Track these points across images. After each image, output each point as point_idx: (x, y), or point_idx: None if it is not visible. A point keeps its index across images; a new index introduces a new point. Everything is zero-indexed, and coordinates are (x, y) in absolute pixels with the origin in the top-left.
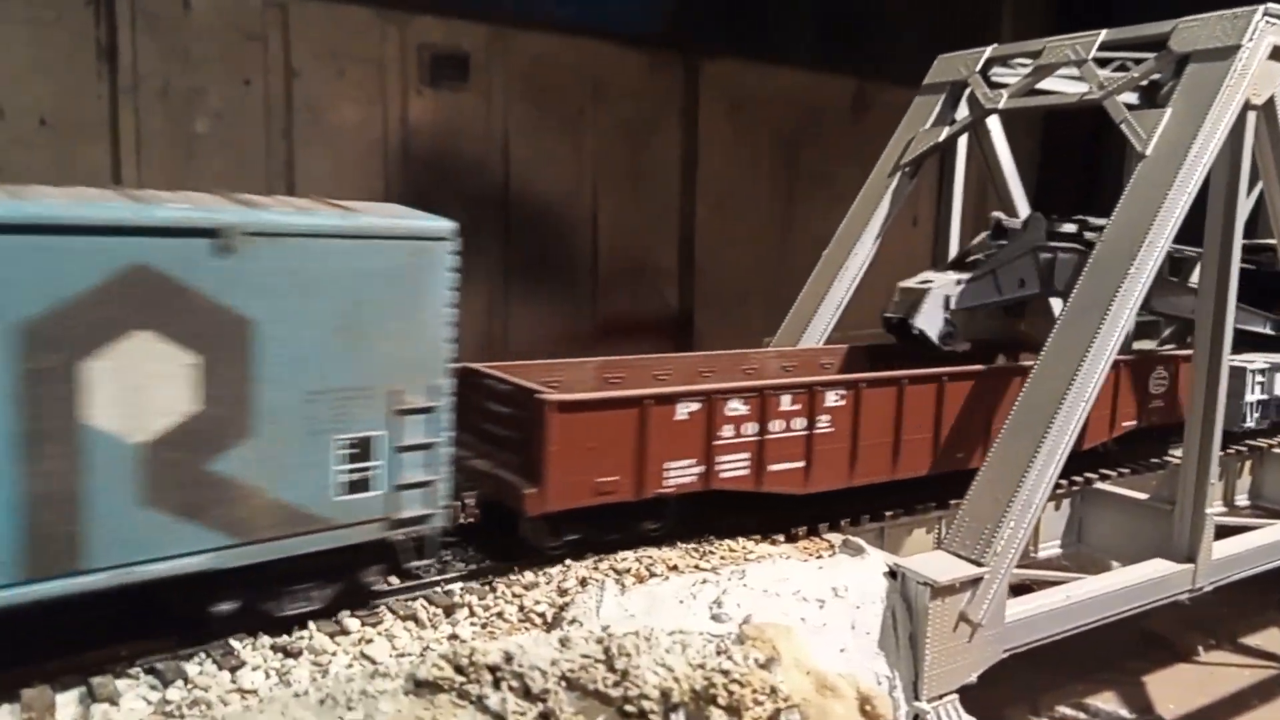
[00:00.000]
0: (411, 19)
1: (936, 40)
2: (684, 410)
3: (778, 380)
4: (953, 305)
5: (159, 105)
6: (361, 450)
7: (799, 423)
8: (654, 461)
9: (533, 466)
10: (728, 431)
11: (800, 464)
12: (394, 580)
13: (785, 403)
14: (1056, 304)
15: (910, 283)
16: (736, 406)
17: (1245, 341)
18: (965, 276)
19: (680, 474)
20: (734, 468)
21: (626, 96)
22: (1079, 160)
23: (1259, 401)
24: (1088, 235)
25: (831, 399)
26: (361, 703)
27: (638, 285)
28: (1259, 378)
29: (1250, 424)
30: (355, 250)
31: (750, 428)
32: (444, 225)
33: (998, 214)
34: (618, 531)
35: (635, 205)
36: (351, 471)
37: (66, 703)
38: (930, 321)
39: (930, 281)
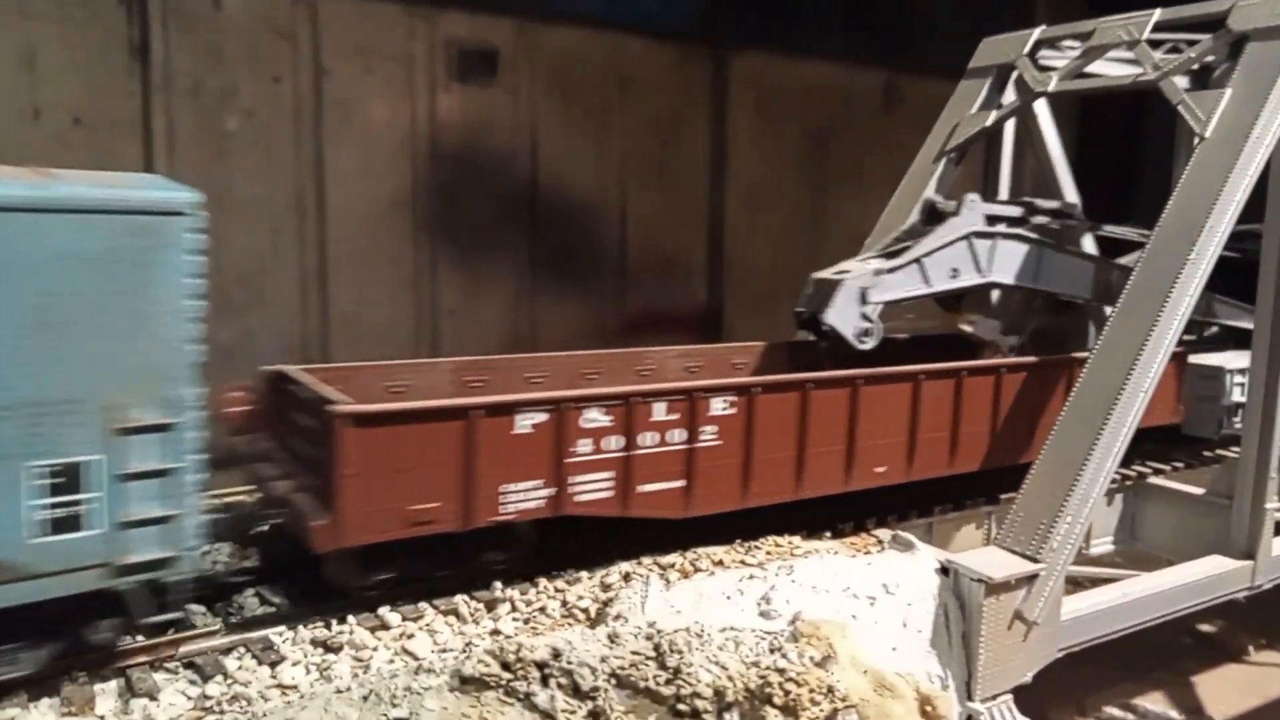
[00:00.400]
0: (440, 14)
1: (969, 30)
2: (525, 422)
3: (646, 386)
4: (871, 298)
5: (190, 103)
6: (68, 479)
7: (677, 435)
8: (487, 484)
9: (326, 492)
10: (584, 447)
11: (679, 483)
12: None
13: (659, 412)
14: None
15: (825, 273)
16: (595, 417)
17: (1230, 338)
18: (887, 266)
19: (522, 498)
20: (593, 489)
21: (655, 91)
22: (1118, 147)
23: (1238, 405)
24: (1035, 220)
25: (718, 407)
26: (406, 699)
27: (666, 280)
28: (1238, 378)
29: (1229, 429)
30: (52, 227)
31: (613, 441)
32: (178, 197)
33: (931, 195)
34: (450, 566)
35: (664, 200)
36: (54, 507)
37: (106, 697)
38: (843, 317)
39: (846, 272)
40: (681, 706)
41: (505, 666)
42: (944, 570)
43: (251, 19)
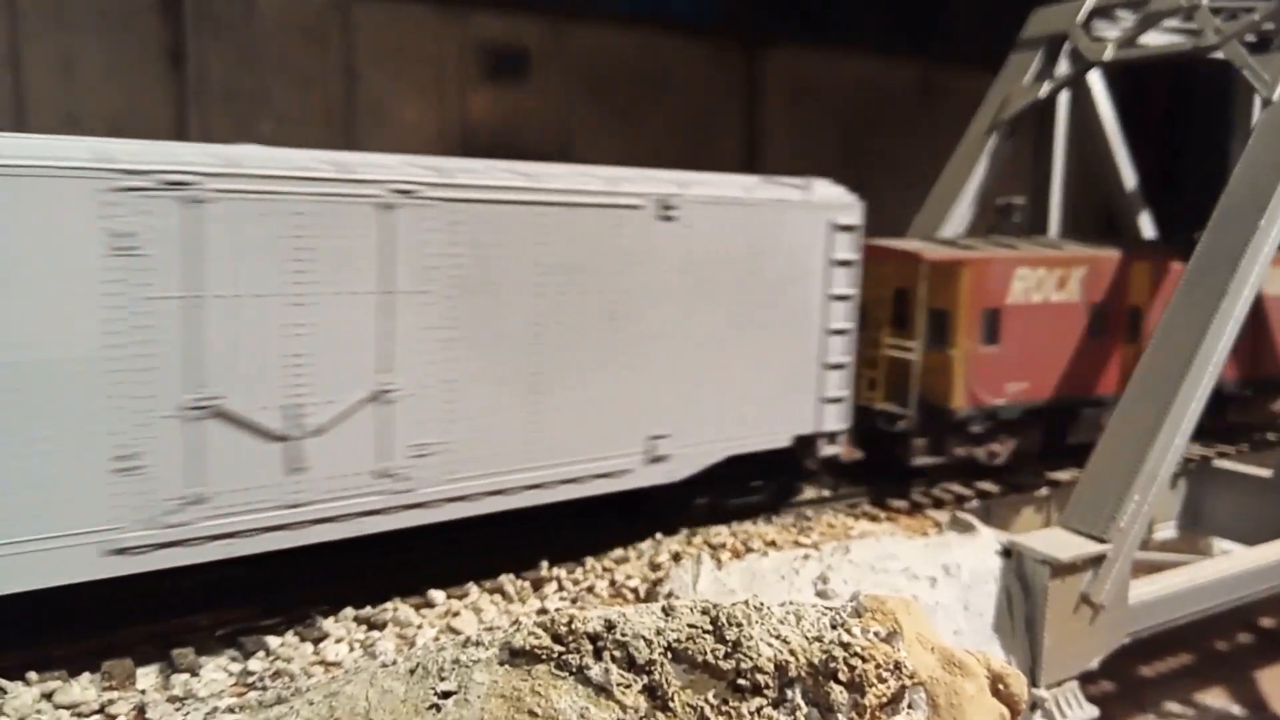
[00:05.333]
0: (471, 15)
1: (1008, 20)
2: None
3: None
4: None
5: (225, 108)
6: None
7: None
8: None
9: None
10: None
11: None
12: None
13: None
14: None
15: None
16: None
17: None
18: None
19: None
20: None
21: (687, 87)
22: (1160, 120)
23: None
24: None
25: None
26: (455, 673)
27: None
28: None
29: None
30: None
31: None
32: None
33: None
34: None
35: None
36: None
37: (147, 673)
38: None
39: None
40: (742, 681)
41: (557, 639)
42: (1006, 552)
43: (284, 24)
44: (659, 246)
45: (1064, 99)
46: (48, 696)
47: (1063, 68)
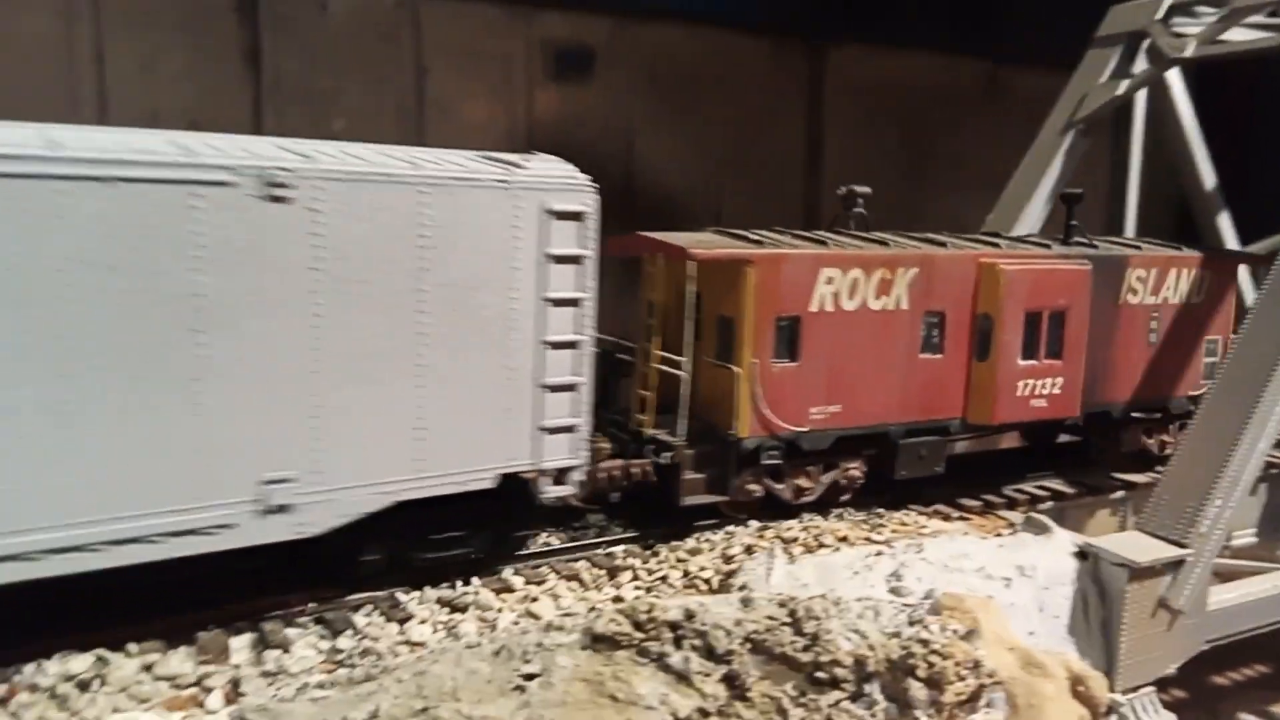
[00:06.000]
0: (537, 14)
1: (1075, 18)
2: None
3: None
4: None
5: (299, 105)
6: None
7: None
8: None
9: None
10: None
11: None
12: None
13: None
14: None
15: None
16: None
17: None
18: None
19: None
20: None
21: (749, 86)
22: (1234, 121)
23: None
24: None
25: None
26: (538, 655)
27: None
28: None
29: None
30: None
31: None
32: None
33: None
34: None
35: (758, 194)
36: None
37: (240, 647)
38: None
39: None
40: (820, 674)
41: (637, 626)
42: (1082, 554)
43: (356, 22)
44: (266, 236)
45: (1141, 97)
46: (148, 668)
47: (1141, 65)
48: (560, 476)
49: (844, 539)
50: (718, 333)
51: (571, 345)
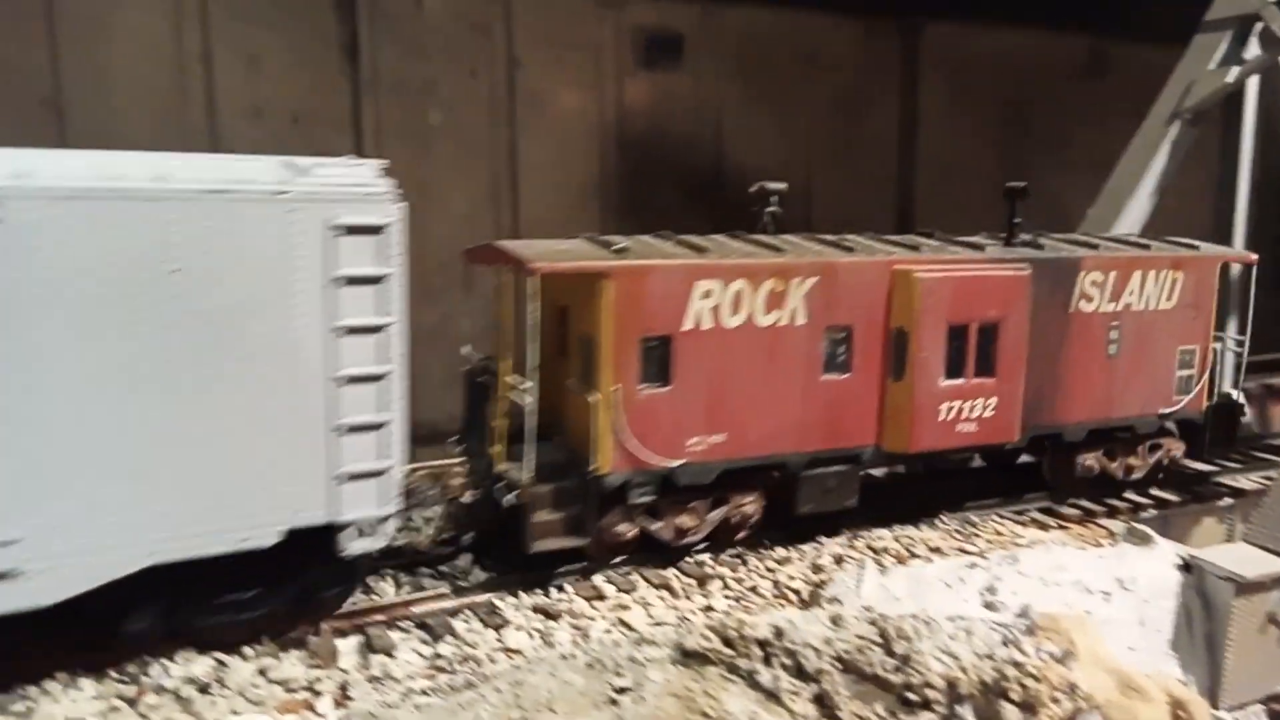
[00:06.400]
0: (626, 2)
1: None
2: None
3: None
4: None
5: (395, 98)
6: None
7: None
8: None
9: None
10: None
11: None
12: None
13: None
14: None
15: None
16: None
17: None
18: None
19: None
20: None
21: (841, 67)
22: None
23: None
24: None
25: None
26: (630, 670)
27: None
28: None
29: None
30: None
31: None
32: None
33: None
34: None
35: (850, 178)
36: None
37: (348, 651)
38: None
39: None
40: (911, 695)
41: (727, 643)
42: (1186, 566)
43: (450, 15)
44: None
45: (1253, 85)
46: (262, 672)
47: (1253, 51)
48: (366, 528)
49: (936, 549)
50: (580, 354)
51: (376, 379)
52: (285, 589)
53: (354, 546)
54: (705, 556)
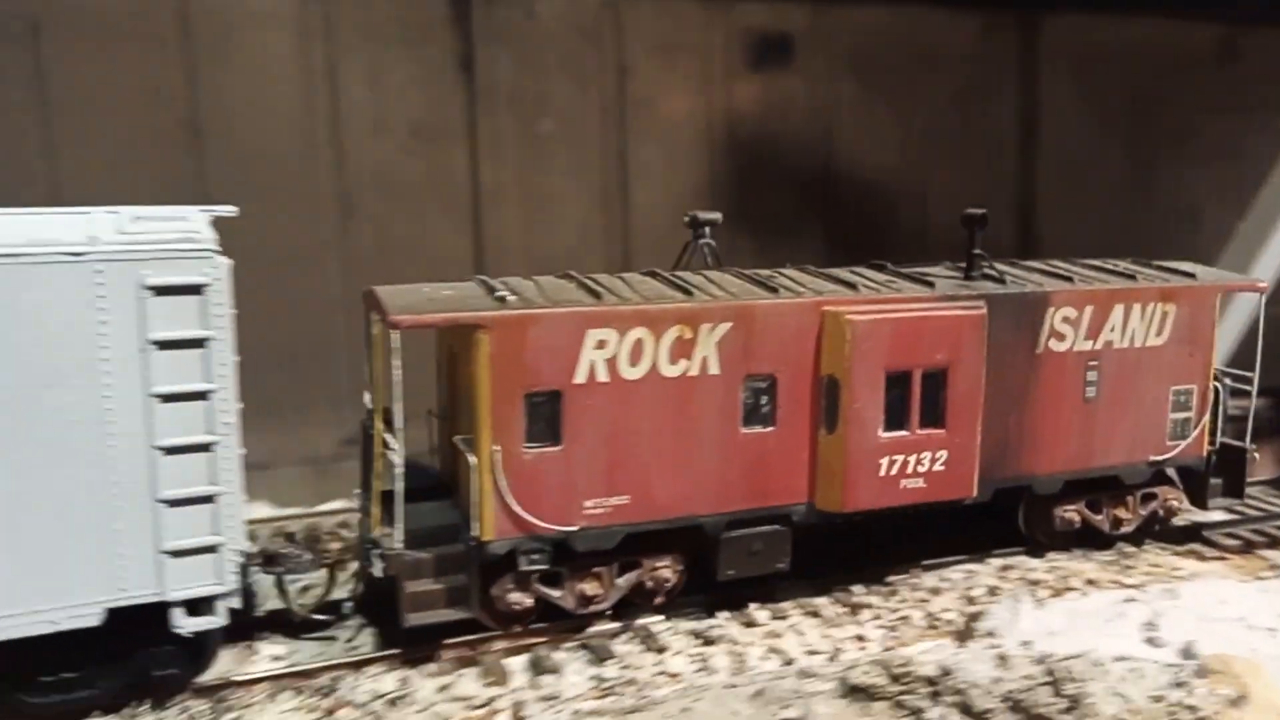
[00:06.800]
0: (735, 4)
1: None
2: None
3: None
4: None
5: (509, 110)
6: None
7: None
8: None
9: None
10: None
11: None
12: None
13: None
14: None
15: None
16: None
17: None
18: None
19: None
20: None
21: (957, 63)
22: None
23: None
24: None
25: None
26: (796, 701)
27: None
28: None
29: None
30: None
31: None
32: None
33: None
34: None
35: (968, 177)
36: None
37: (517, 670)
38: None
39: None
40: None
41: (894, 679)
42: None
43: (562, 25)
44: None
45: None
46: (443, 689)
47: None
48: (200, 606)
49: (1091, 581)
50: (464, 410)
51: (203, 448)
52: (119, 668)
53: (188, 624)
54: (857, 586)
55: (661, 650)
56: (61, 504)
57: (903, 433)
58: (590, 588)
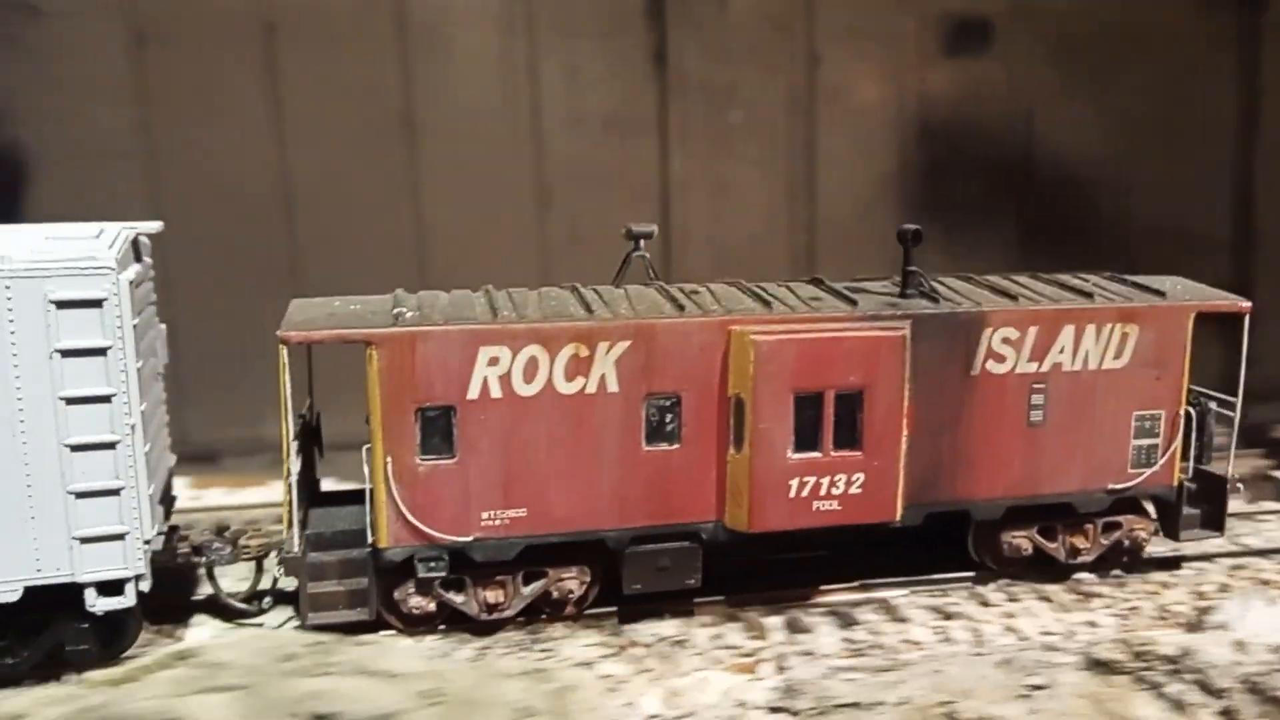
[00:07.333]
0: None
1: None
2: None
3: None
4: None
5: (699, 101)
6: None
7: None
8: None
9: None
10: None
11: None
12: None
13: None
14: None
15: None
16: None
17: None
18: None
19: None
20: None
21: (1168, 43)
22: None
23: None
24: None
25: None
26: (1041, 671)
27: (1179, 256)
28: None
29: None
30: None
31: None
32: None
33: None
34: None
35: (1176, 165)
36: None
37: (774, 627)
38: None
39: None
40: None
41: (1135, 656)
42: None
43: (753, 16)
44: None
45: None
46: (716, 637)
47: None
48: (110, 587)
49: None
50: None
51: (109, 445)
52: (37, 641)
53: (100, 604)
54: (1088, 575)
55: (902, 620)
56: None
57: (814, 454)
58: (494, 595)
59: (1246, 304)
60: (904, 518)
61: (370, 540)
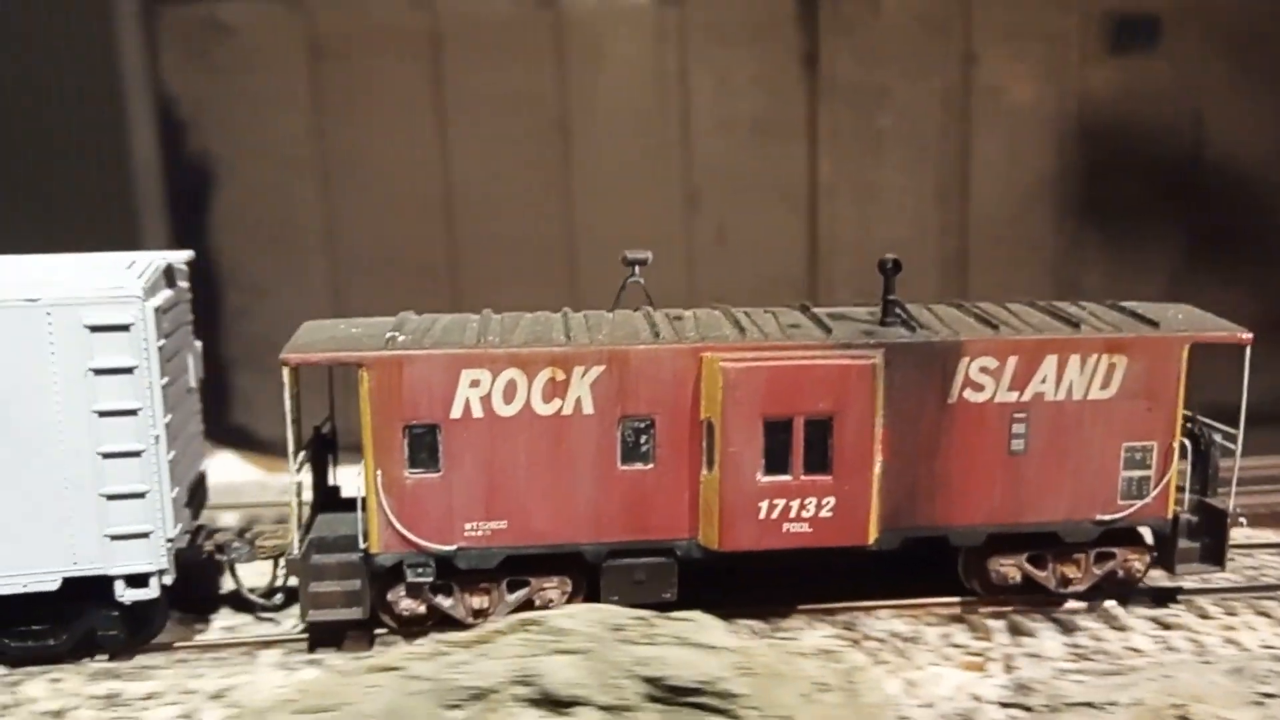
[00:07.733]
0: None
1: None
2: None
3: None
4: None
5: (850, 104)
6: None
7: None
8: None
9: None
10: None
11: None
12: None
13: None
14: None
15: None
16: None
17: None
18: None
19: None
20: None
21: None
22: None
23: None
24: None
25: None
26: (1273, 680)
27: None
28: None
29: None
30: None
31: None
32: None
33: None
34: None
35: None
36: None
37: (998, 630)
38: None
39: None
40: None
41: None
42: None
43: (908, 18)
44: None
45: None
46: (945, 636)
47: None
48: (137, 580)
49: None
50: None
51: (135, 454)
52: (73, 626)
53: (127, 595)
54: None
55: (1123, 629)
56: (25, 495)
57: (785, 477)
58: (479, 601)
59: (1247, 335)
60: (879, 542)
61: (363, 546)
